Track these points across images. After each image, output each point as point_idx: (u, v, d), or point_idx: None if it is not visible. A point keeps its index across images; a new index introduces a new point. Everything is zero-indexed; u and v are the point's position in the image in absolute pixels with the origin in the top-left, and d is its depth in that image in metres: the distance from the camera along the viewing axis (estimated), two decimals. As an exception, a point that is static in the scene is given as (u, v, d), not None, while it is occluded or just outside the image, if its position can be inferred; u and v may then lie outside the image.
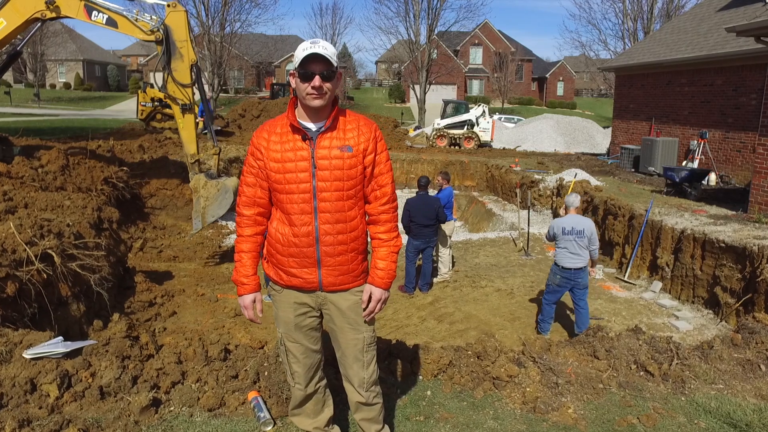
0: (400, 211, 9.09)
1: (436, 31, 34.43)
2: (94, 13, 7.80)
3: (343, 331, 2.44)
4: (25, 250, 5.61)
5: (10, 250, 5.38)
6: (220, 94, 37.41)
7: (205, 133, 19.23)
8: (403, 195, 12.33)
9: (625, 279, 8.86)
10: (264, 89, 50.36)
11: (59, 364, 3.05)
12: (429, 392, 3.23)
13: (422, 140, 22.56)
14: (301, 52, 2.17)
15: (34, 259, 5.55)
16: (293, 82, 2.24)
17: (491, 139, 22.50)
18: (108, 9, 7.81)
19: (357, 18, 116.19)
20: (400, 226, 8.19)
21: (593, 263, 6.54)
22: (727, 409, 3.12)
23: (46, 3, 7.66)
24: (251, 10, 33.22)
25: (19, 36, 9.16)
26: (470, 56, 58.57)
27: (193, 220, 8.77)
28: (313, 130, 2.27)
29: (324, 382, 2.66)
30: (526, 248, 10.50)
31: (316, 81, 2.16)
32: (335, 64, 2.19)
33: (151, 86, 20.87)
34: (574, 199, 6.51)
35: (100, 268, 6.62)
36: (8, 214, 6.69)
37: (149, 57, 54.86)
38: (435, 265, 9.00)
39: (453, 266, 9.49)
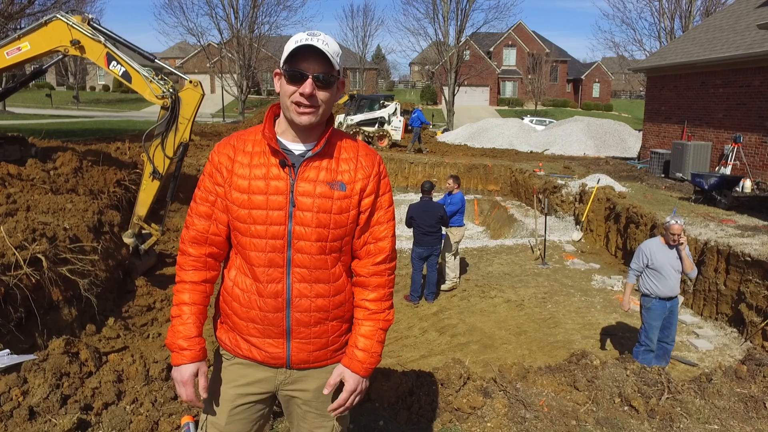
0: (403, 215, 8.79)
1: (465, 32, 33.96)
2: (113, 63, 7.88)
3: (306, 417, 1.83)
4: (14, 254, 5.59)
5: (-1, 254, 5.35)
6: (249, 96, 37.80)
7: (412, 143, 19.95)
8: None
9: (645, 292, 8.35)
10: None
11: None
12: (382, 422, 2.95)
13: None
14: (293, 43, 1.61)
15: (22, 263, 5.52)
16: (277, 84, 1.69)
17: (401, 137, 21.78)
18: (128, 63, 7.89)
19: (386, 20, 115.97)
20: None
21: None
22: (719, 455, 2.74)
23: (71, 41, 7.77)
24: (280, 12, 33.43)
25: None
26: (503, 57, 57.70)
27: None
28: (297, 154, 1.71)
29: None
30: (542, 256, 10.08)
31: (308, 86, 1.59)
32: (337, 68, 1.63)
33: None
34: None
35: (94, 272, 6.57)
36: (8, 217, 6.71)
37: (186, 59, 56.07)
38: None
39: (464, 272, 9.16)
